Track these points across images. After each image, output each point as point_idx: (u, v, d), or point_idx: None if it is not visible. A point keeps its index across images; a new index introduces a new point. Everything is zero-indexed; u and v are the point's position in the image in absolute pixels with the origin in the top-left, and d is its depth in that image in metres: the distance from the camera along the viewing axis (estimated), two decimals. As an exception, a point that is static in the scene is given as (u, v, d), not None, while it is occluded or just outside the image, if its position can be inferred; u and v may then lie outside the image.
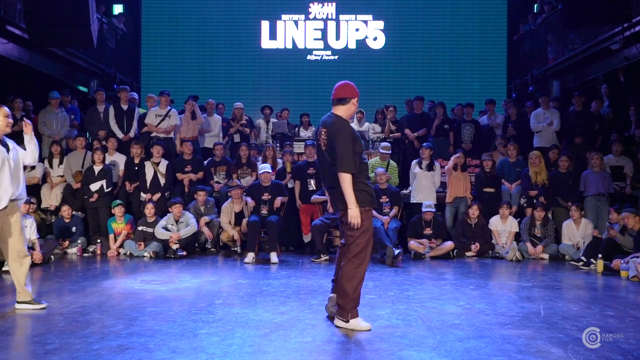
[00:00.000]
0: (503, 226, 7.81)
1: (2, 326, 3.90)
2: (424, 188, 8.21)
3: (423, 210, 7.74)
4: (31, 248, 6.38)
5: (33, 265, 6.22)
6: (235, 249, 7.75)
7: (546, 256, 7.58)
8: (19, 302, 4.38)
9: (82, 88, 11.85)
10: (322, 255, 7.24)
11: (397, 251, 6.86)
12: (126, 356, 3.24)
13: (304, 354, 3.35)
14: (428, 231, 7.71)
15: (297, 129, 10.49)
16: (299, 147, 9.20)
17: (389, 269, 6.61)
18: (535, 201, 7.94)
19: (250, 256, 7.07)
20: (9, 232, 4.35)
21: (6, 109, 4.33)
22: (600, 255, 6.60)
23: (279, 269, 6.58)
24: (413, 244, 7.62)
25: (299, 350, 3.41)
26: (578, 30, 10.17)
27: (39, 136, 9.28)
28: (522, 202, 8.22)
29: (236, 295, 5.08)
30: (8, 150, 4.35)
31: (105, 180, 8.05)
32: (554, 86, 11.65)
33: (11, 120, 4.38)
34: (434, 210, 7.81)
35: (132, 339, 3.56)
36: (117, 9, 13.78)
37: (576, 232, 7.56)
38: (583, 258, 6.88)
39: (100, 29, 10.62)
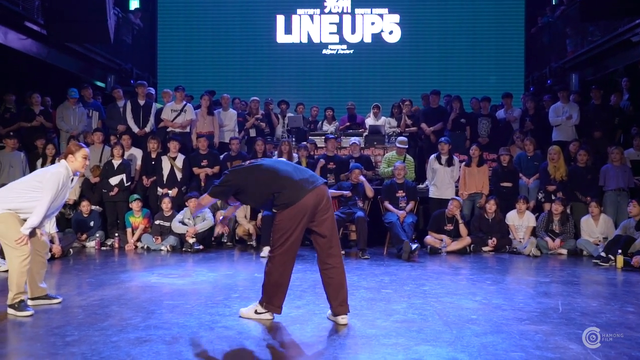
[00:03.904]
0: (520, 221, 7.73)
1: (22, 318, 3.96)
2: (443, 183, 8.14)
3: (449, 205, 7.63)
4: (51, 241, 6.46)
5: (52, 258, 6.35)
6: (251, 243, 7.78)
7: (564, 251, 7.49)
8: (32, 299, 4.29)
9: (99, 83, 11.97)
10: (337, 250, 7.22)
11: (414, 246, 6.82)
12: (144, 348, 3.27)
13: (320, 348, 3.35)
14: (449, 227, 7.64)
15: (320, 122, 10.55)
16: (320, 141, 9.26)
17: (406, 264, 6.59)
18: (553, 197, 7.84)
19: (266, 250, 7.06)
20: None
21: (86, 150, 4.32)
22: (619, 251, 6.51)
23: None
24: (430, 238, 7.58)
25: (315, 344, 3.41)
26: (597, 23, 10.00)
27: (57, 131, 9.41)
28: (540, 197, 8.13)
29: (252, 289, 5.09)
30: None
31: (124, 174, 8.12)
32: (572, 79, 11.50)
33: (88, 162, 4.39)
34: (460, 200, 7.76)
35: (149, 332, 3.59)
36: (134, 4, 13.88)
37: (595, 228, 7.46)
38: (602, 254, 6.75)
39: (116, 25, 10.69)
